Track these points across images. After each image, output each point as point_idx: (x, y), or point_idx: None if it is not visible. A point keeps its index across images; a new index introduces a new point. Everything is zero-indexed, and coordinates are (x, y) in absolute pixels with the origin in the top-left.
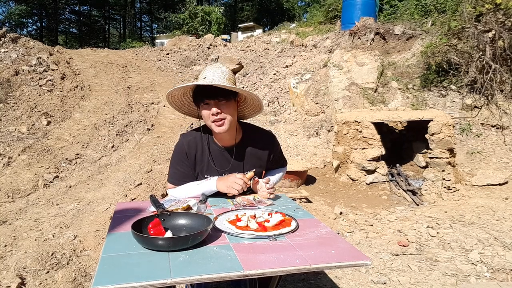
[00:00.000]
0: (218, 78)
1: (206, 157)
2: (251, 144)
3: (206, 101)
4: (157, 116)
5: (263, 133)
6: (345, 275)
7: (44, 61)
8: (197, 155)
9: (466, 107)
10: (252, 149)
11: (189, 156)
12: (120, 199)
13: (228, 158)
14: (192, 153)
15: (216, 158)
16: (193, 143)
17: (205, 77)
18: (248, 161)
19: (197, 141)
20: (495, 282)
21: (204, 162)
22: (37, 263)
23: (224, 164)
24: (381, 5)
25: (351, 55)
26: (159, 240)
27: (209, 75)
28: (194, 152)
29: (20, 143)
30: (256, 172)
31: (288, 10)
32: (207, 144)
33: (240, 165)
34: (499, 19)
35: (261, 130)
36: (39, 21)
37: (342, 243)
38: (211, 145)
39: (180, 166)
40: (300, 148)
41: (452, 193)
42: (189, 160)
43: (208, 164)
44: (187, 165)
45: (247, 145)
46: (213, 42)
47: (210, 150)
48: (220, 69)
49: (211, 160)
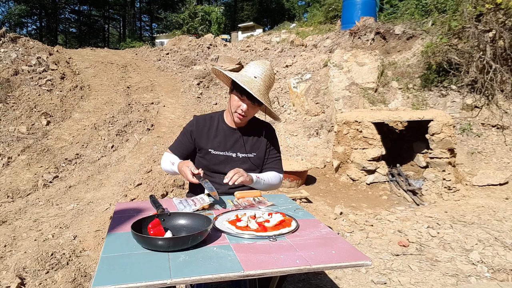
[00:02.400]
0: (263, 88)
1: (214, 133)
2: (255, 130)
3: (244, 96)
4: (157, 116)
5: (265, 123)
6: (345, 275)
7: (44, 61)
8: (204, 130)
9: (467, 107)
10: (255, 133)
11: (194, 132)
12: (120, 199)
13: (233, 137)
14: (199, 128)
15: (223, 135)
16: (202, 120)
17: (255, 77)
18: (249, 143)
19: (207, 120)
20: (496, 283)
21: (210, 138)
22: (37, 263)
23: (228, 141)
24: (382, 4)
25: (351, 55)
26: (159, 240)
27: (258, 80)
28: (201, 127)
29: (19, 143)
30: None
31: (288, 9)
32: (217, 122)
33: (242, 144)
34: (499, 18)
35: (264, 121)
36: (39, 21)
37: (342, 243)
38: (220, 124)
39: (182, 138)
40: (300, 148)
41: (452, 193)
42: (191, 136)
43: (213, 140)
44: (187, 139)
45: (251, 130)
46: (213, 42)
47: (218, 128)
48: (270, 74)
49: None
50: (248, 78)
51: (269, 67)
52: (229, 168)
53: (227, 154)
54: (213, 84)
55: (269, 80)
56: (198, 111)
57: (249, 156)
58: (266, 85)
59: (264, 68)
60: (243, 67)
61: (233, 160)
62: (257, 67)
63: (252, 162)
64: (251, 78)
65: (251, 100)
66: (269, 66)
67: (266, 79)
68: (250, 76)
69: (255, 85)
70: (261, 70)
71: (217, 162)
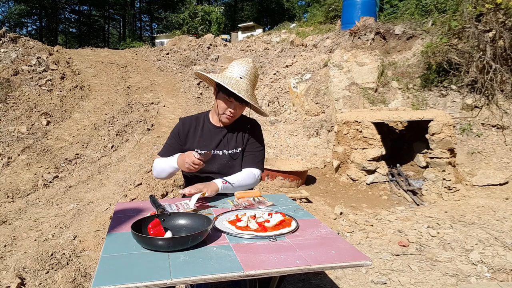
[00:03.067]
0: (250, 88)
1: (198, 133)
2: (240, 126)
3: (231, 98)
4: (157, 116)
5: (251, 120)
6: (345, 276)
7: (44, 61)
8: (190, 131)
9: (467, 107)
10: (240, 129)
11: (181, 133)
12: (120, 199)
13: (219, 135)
14: (186, 129)
15: (209, 135)
16: (187, 122)
17: (241, 77)
18: (233, 139)
19: (192, 120)
20: (496, 283)
21: (196, 138)
22: (37, 263)
23: (214, 140)
24: (381, 4)
25: (351, 55)
26: (159, 240)
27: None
28: (188, 128)
29: (19, 143)
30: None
31: (288, 9)
32: (202, 122)
33: (225, 142)
34: (499, 18)
35: (250, 118)
36: (39, 21)
37: (342, 244)
38: (205, 124)
39: (171, 141)
40: (300, 148)
41: (452, 193)
42: (180, 137)
43: (199, 140)
44: (176, 141)
45: (236, 127)
46: (213, 42)
47: (204, 128)
48: (254, 73)
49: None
50: (234, 80)
51: (252, 65)
52: (216, 167)
53: (214, 153)
54: None
55: (254, 79)
56: (198, 111)
57: (235, 152)
58: (252, 84)
59: (248, 67)
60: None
61: (220, 158)
62: (241, 66)
63: (240, 157)
64: (237, 79)
65: (239, 101)
66: (253, 64)
67: (251, 78)
68: (235, 77)
69: (242, 86)
70: (245, 70)
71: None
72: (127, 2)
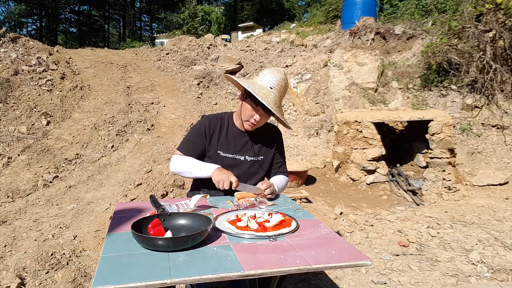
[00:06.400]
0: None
1: (224, 134)
2: (263, 133)
3: (258, 107)
4: (157, 116)
5: (273, 127)
6: (345, 276)
7: (44, 61)
8: (216, 131)
9: (467, 107)
10: (263, 136)
11: (208, 131)
12: (120, 199)
13: (242, 140)
14: (212, 128)
15: (232, 138)
16: (214, 120)
17: (271, 87)
18: (257, 146)
19: (218, 120)
20: (496, 283)
21: (220, 139)
22: (37, 263)
23: (238, 144)
24: (382, 4)
25: (351, 55)
26: (159, 240)
27: (274, 91)
28: (214, 128)
29: (19, 143)
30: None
31: (288, 9)
32: (227, 124)
33: (251, 148)
34: (499, 18)
35: (273, 125)
36: (39, 21)
37: (342, 243)
38: (230, 126)
39: (194, 138)
40: (300, 148)
41: (452, 193)
42: (205, 136)
43: (223, 141)
44: (200, 139)
45: (260, 133)
46: (213, 42)
47: (228, 130)
48: (285, 84)
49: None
50: (264, 90)
51: (284, 76)
52: (236, 172)
53: (235, 157)
54: (213, 84)
55: (284, 90)
56: (198, 111)
57: (257, 160)
58: (280, 96)
59: (279, 78)
60: (258, 76)
61: (242, 163)
62: (273, 75)
63: (260, 166)
64: (267, 89)
65: (265, 111)
66: (284, 74)
67: (281, 90)
68: (266, 86)
69: (272, 97)
70: (277, 80)
71: (224, 164)
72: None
